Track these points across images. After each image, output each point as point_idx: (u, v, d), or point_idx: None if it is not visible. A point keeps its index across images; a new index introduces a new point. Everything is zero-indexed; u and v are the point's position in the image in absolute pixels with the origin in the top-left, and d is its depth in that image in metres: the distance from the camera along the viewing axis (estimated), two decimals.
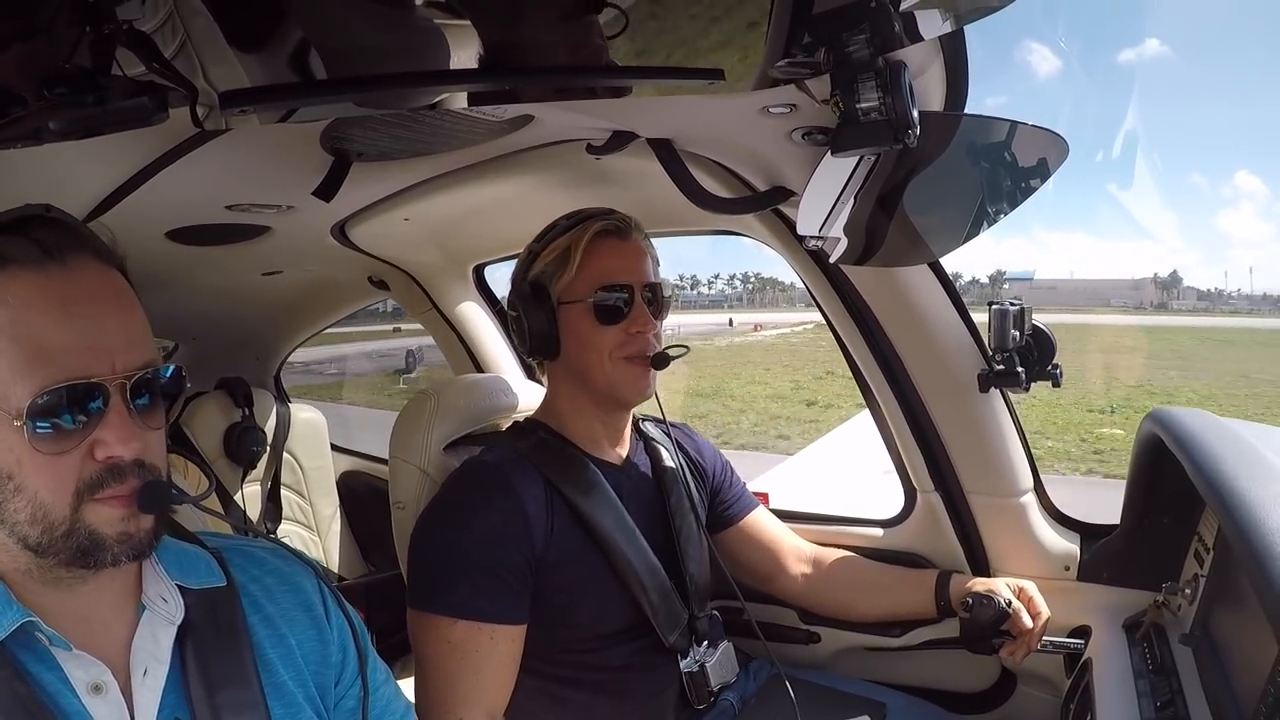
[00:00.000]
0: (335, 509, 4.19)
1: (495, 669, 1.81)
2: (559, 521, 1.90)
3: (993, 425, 2.18)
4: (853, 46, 1.16)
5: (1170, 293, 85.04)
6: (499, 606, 1.80)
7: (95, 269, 1.11)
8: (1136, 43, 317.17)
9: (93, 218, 1.98)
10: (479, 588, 1.79)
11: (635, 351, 1.97)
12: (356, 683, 1.34)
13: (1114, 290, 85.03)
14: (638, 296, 1.96)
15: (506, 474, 1.90)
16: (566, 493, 1.93)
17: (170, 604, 1.18)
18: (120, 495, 1.06)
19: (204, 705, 1.13)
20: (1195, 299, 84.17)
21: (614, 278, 1.96)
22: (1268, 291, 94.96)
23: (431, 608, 1.80)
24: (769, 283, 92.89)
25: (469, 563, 1.81)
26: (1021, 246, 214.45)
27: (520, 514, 1.85)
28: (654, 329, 1.98)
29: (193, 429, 3.69)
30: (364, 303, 3.92)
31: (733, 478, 2.41)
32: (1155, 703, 1.61)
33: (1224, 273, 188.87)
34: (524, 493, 1.87)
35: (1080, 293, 32.00)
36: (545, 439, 2.03)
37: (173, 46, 1.07)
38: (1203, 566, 1.82)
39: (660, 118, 1.69)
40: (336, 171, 1.89)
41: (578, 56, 1.13)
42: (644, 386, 2.00)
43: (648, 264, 2.01)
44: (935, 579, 2.19)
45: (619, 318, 1.95)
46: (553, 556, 1.87)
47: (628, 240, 2.00)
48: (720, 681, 2.09)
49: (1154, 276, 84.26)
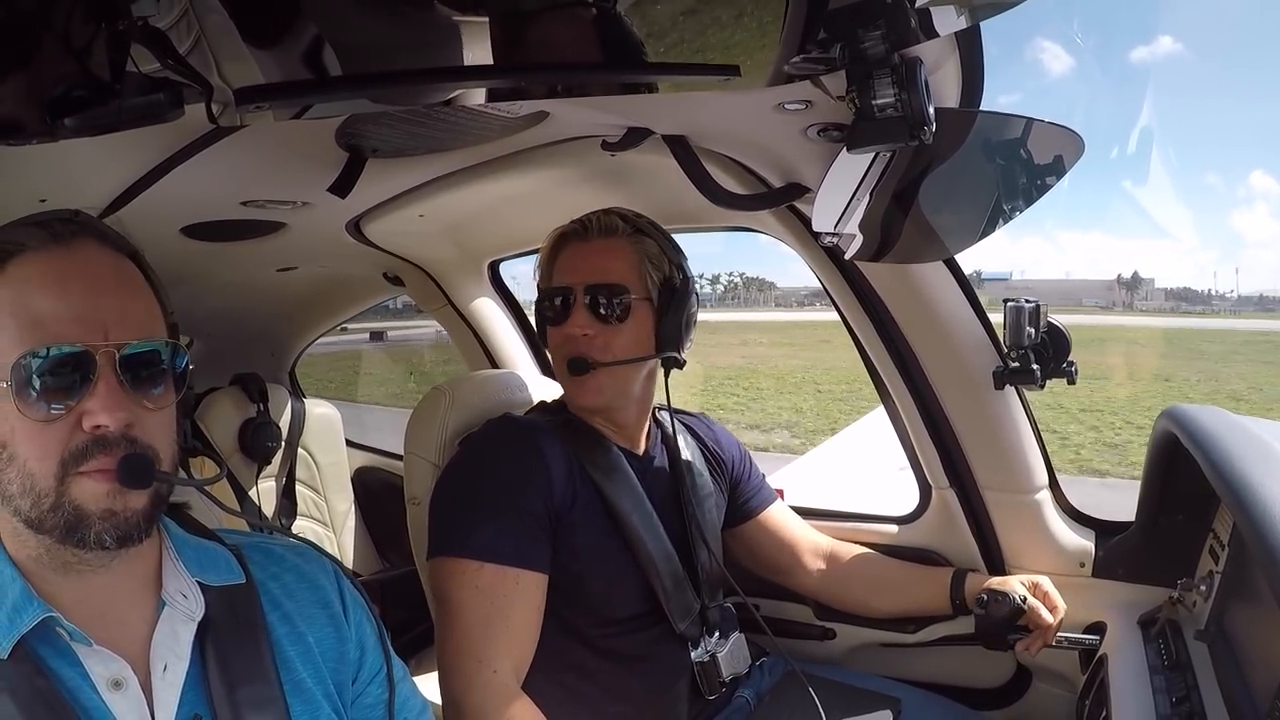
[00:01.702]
0: (350, 505, 4.19)
1: (524, 615, 1.81)
2: (582, 491, 1.92)
3: (1008, 422, 2.17)
4: (868, 42, 1.16)
5: (1134, 293, 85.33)
6: (523, 551, 1.81)
7: (98, 251, 1.13)
8: (1150, 40, 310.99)
9: (108, 214, 1.98)
10: (504, 531, 1.80)
11: (569, 354, 1.97)
12: (374, 680, 1.34)
13: (1087, 290, 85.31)
14: (578, 298, 1.95)
15: (534, 434, 1.93)
16: (590, 472, 1.94)
17: (190, 600, 1.18)
18: (105, 469, 1.06)
19: (224, 702, 1.14)
20: (1163, 299, 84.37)
21: (557, 279, 1.99)
22: (1264, 292, 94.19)
23: (457, 551, 1.81)
24: (753, 282, 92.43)
25: (495, 507, 1.82)
26: (1038, 245, 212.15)
27: (543, 467, 1.87)
28: (586, 330, 1.96)
29: (207, 424, 3.69)
30: (378, 298, 3.94)
31: (752, 470, 2.41)
32: (1171, 699, 1.61)
33: (1214, 273, 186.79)
34: (548, 451, 1.89)
35: (1056, 292, 31.84)
36: (571, 419, 2.04)
37: (187, 43, 1.08)
38: (1218, 563, 1.81)
39: (675, 114, 1.69)
40: (352, 168, 1.89)
41: (597, 52, 1.13)
42: (580, 391, 2.00)
43: (609, 263, 1.98)
44: (950, 577, 2.19)
45: (560, 320, 1.97)
46: (572, 517, 1.89)
47: (587, 241, 2.00)
48: (731, 672, 2.10)
49: (1118, 277, 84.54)
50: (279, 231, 2.52)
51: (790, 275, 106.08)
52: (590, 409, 2.03)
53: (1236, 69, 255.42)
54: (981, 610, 2.03)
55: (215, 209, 2.24)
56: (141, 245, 1.18)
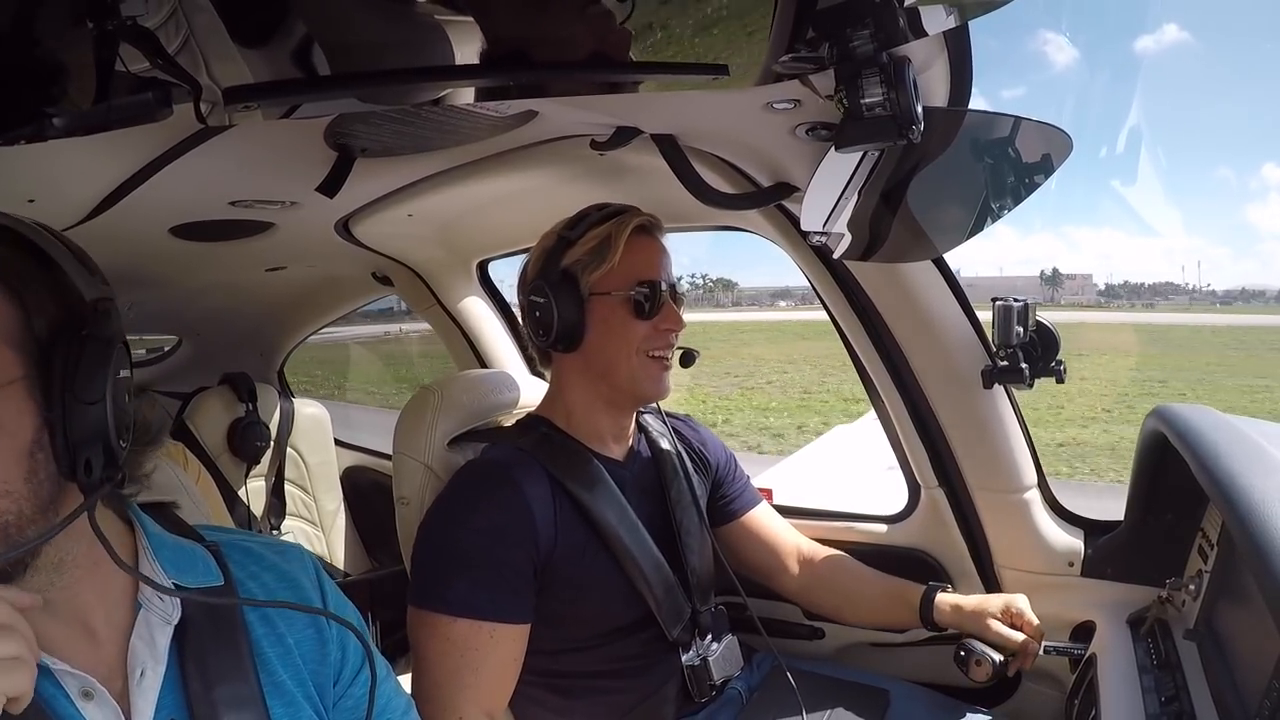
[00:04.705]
0: (339, 504, 4.20)
1: (495, 668, 1.80)
2: (564, 518, 1.89)
3: (996, 421, 2.18)
4: (857, 41, 1.16)
5: (1057, 289, 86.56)
6: (499, 605, 1.79)
7: None
8: (1155, 29, 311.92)
9: (96, 214, 1.98)
10: (479, 584, 1.78)
11: (661, 348, 1.99)
12: (355, 680, 1.32)
13: (1027, 287, 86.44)
14: (666, 294, 1.97)
15: (511, 472, 1.89)
16: (570, 488, 1.92)
17: (167, 602, 1.16)
18: None
19: (202, 702, 1.11)
20: (1095, 294, 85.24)
21: (649, 274, 1.97)
22: (1229, 287, 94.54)
23: (430, 605, 1.79)
24: (720, 284, 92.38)
25: (469, 560, 1.80)
26: (1049, 242, 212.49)
27: (525, 513, 1.84)
28: (682, 327, 2.01)
29: (196, 424, 3.71)
30: (367, 299, 3.93)
31: (736, 471, 2.41)
32: (1160, 698, 1.61)
33: (1181, 266, 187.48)
34: (529, 491, 1.86)
35: (997, 288, 32.50)
36: (548, 434, 2.02)
37: (176, 42, 1.07)
38: (1206, 562, 1.82)
39: (664, 113, 1.69)
40: (340, 167, 1.89)
41: (591, 51, 1.13)
42: (663, 384, 2.01)
43: (669, 262, 2.02)
44: (920, 598, 2.17)
45: (650, 314, 1.96)
46: (560, 554, 1.87)
47: (655, 238, 2.02)
48: (723, 675, 2.09)
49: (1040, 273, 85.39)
50: (267, 231, 2.51)
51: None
52: (660, 398, 2.07)
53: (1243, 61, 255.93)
54: (962, 669, 2.02)
55: (204, 209, 2.23)
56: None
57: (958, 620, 2.09)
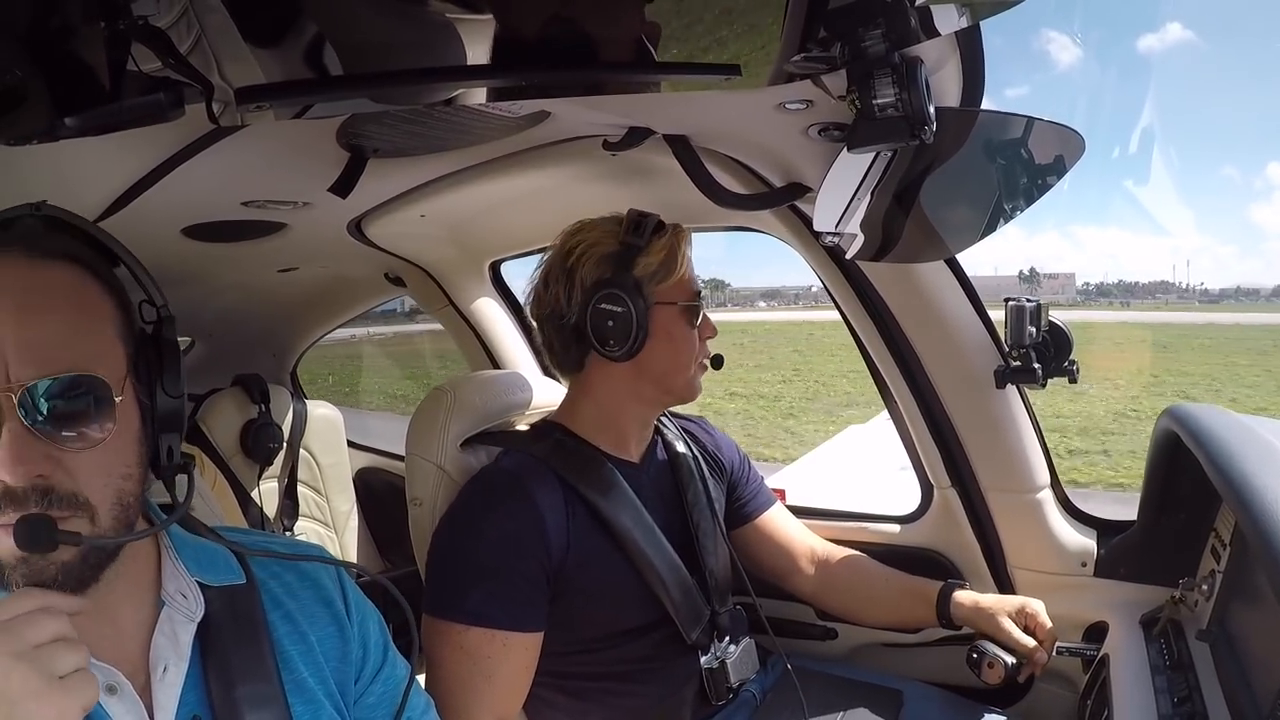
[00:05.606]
0: (352, 506, 4.19)
1: (507, 676, 1.81)
2: (578, 525, 1.89)
3: (1009, 421, 2.17)
4: (869, 42, 1.16)
5: (1035, 288, 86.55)
6: (512, 614, 1.80)
7: (8, 264, 1.02)
8: (1158, 28, 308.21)
9: (108, 215, 1.98)
10: (492, 594, 1.79)
11: (706, 355, 2.03)
12: (376, 678, 1.33)
13: (1007, 287, 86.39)
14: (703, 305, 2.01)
15: (523, 481, 1.89)
16: (585, 494, 1.92)
17: (190, 600, 1.17)
18: (7, 525, 0.95)
19: (223, 701, 1.12)
20: (1074, 294, 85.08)
21: (696, 285, 2.00)
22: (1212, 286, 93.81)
23: (444, 614, 1.80)
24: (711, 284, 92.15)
25: (482, 570, 1.81)
26: (1055, 241, 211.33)
27: (538, 522, 1.84)
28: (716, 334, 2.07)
29: (209, 425, 3.70)
30: (380, 299, 3.92)
31: (750, 473, 2.40)
32: (1172, 699, 1.61)
33: (1172, 266, 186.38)
34: (541, 500, 1.86)
35: (984, 289, 32.08)
36: (562, 440, 2.01)
37: (188, 42, 1.07)
38: (1219, 562, 1.81)
39: (676, 114, 1.69)
40: (353, 168, 1.89)
41: (604, 51, 1.13)
42: (698, 387, 2.05)
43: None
44: (938, 595, 2.16)
45: (699, 323, 2.00)
46: (573, 562, 1.86)
47: (687, 246, 2.04)
48: (740, 678, 2.09)
49: (1019, 273, 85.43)
50: (280, 232, 2.52)
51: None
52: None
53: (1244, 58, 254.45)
54: (975, 671, 2.02)
55: (216, 209, 2.24)
56: (142, 246, 1.16)
57: (974, 617, 2.08)
